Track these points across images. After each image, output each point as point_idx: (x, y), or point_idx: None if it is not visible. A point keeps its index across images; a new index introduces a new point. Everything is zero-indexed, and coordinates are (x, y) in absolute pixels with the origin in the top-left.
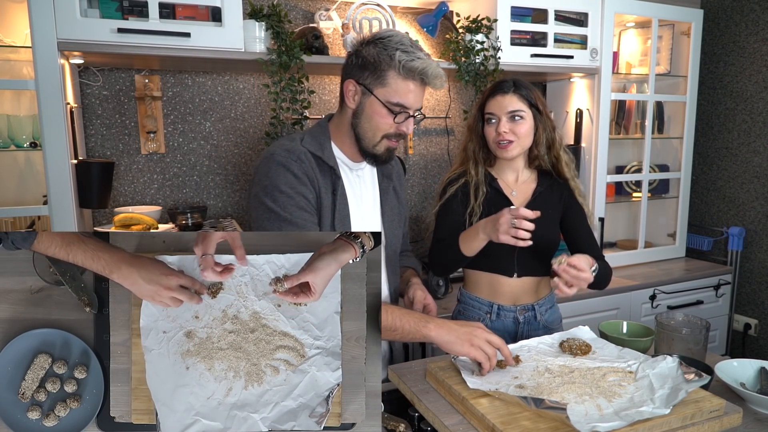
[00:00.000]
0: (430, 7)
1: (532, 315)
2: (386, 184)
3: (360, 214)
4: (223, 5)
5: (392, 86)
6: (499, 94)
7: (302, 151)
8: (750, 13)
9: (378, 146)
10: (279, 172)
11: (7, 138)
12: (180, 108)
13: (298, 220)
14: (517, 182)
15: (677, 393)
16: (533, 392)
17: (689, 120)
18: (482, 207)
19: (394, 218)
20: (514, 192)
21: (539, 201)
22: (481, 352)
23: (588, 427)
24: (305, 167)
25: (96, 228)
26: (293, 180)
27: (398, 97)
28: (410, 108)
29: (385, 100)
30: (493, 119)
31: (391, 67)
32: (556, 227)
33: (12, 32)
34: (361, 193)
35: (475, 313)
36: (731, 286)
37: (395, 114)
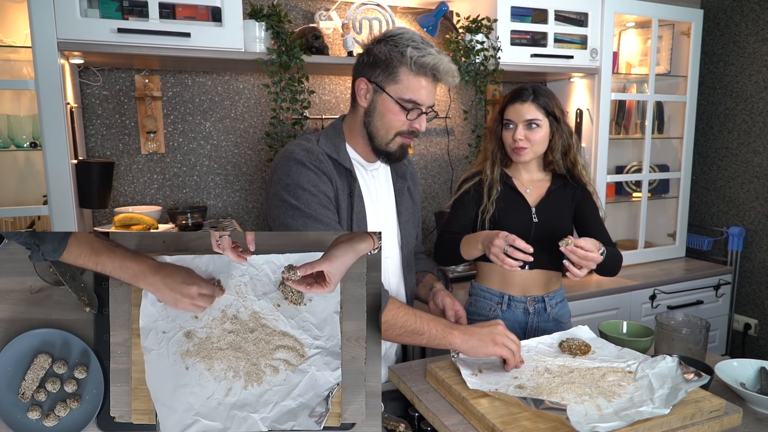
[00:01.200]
0: (430, 7)
1: (542, 307)
2: (401, 184)
3: (376, 214)
4: (223, 5)
5: (404, 83)
6: (518, 101)
7: (320, 151)
8: (750, 13)
9: (391, 144)
10: (300, 171)
11: (7, 138)
12: (180, 108)
13: (323, 217)
14: (531, 182)
15: (677, 393)
16: (533, 392)
17: (689, 120)
18: (495, 204)
19: (409, 219)
20: (528, 190)
21: (552, 198)
22: (506, 349)
23: (588, 427)
24: (324, 167)
25: (96, 228)
26: (315, 178)
27: (410, 93)
28: (423, 104)
29: (398, 96)
30: (511, 125)
31: (402, 63)
32: (569, 224)
33: (12, 32)
34: (377, 194)
35: (486, 303)
36: (731, 286)
37: (408, 111)
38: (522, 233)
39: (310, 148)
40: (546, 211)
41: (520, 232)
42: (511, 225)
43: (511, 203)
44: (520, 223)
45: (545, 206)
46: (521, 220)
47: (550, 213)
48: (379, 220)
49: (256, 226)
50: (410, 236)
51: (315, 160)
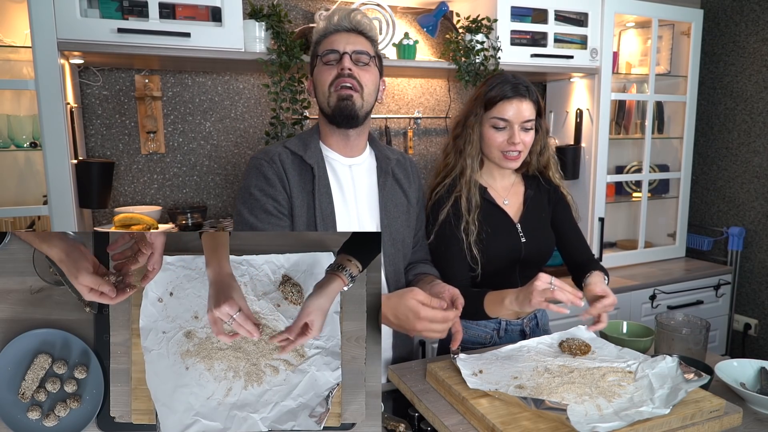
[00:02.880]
0: (430, 7)
1: (535, 323)
2: (384, 178)
3: (348, 211)
4: (223, 5)
5: (322, 44)
6: (515, 98)
7: (278, 152)
8: (750, 13)
9: (330, 100)
10: (251, 174)
11: (7, 138)
12: (180, 108)
13: (264, 222)
14: (506, 189)
15: (677, 393)
16: (533, 392)
17: (689, 120)
18: (477, 224)
19: (400, 216)
20: (506, 201)
21: (531, 207)
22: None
23: (588, 427)
24: (276, 167)
25: (96, 228)
26: (263, 183)
27: (327, 46)
28: (339, 49)
29: (320, 54)
30: (504, 125)
31: (318, 33)
32: (551, 234)
33: (12, 32)
34: (354, 190)
35: (482, 331)
36: (731, 286)
37: (330, 62)
38: (511, 256)
39: (268, 150)
40: (530, 225)
41: (510, 254)
42: (500, 250)
43: (494, 222)
44: (508, 245)
45: (528, 219)
46: (509, 242)
47: (534, 226)
48: (354, 217)
49: None
50: (398, 233)
51: (268, 161)
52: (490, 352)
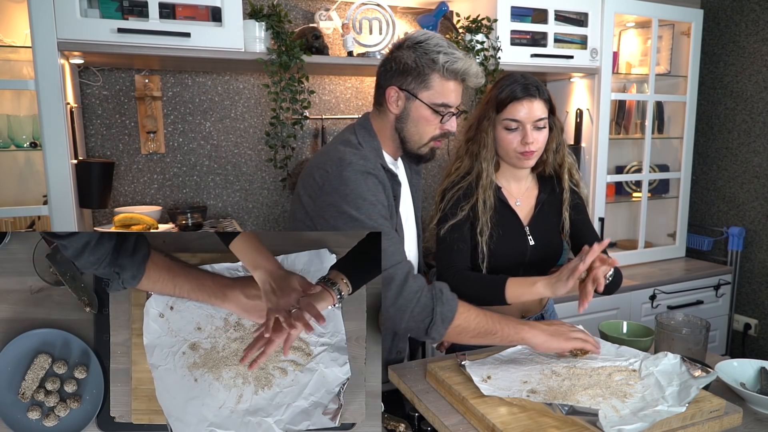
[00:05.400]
0: (430, 7)
1: None
2: (416, 180)
3: (405, 215)
4: (223, 5)
5: (436, 89)
6: (526, 98)
7: (374, 158)
8: (750, 13)
9: (424, 148)
10: (359, 180)
11: (7, 138)
12: (180, 108)
13: (384, 227)
14: (520, 191)
15: (689, 390)
16: (548, 397)
17: (689, 120)
18: (490, 224)
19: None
20: (518, 202)
21: (543, 211)
22: (579, 341)
23: (614, 430)
24: (380, 175)
25: (96, 228)
26: (375, 188)
27: (442, 98)
28: (453, 106)
29: (430, 102)
30: (516, 126)
31: (434, 70)
32: (560, 240)
33: (12, 32)
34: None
35: None
36: (731, 286)
37: (441, 115)
38: (517, 259)
39: (365, 156)
40: (539, 228)
41: (515, 255)
42: (507, 252)
43: (504, 222)
44: (516, 248)
45: (538, 223)
46: (517, 244)
47: (543, 230)
48: (406, 220)
49: (255, 226)
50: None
51: (373, 168)
52: (492, 357)
